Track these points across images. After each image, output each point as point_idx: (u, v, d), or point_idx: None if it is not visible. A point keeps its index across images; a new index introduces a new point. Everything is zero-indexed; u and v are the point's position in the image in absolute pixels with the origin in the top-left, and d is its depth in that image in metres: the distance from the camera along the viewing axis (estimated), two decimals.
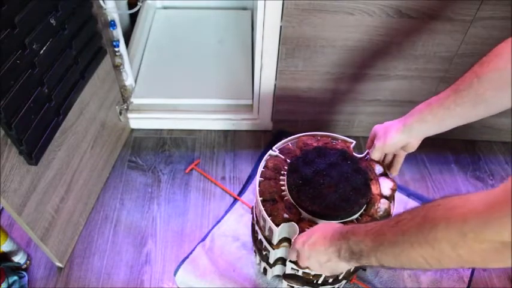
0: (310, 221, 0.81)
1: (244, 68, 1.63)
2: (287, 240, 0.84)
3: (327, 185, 0.83)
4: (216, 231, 1.16)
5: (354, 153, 0.93)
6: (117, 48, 1.32)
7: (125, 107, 1.43)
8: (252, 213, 1.01)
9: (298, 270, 0.86)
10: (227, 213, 1.22)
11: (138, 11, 1.49)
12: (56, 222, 1.07)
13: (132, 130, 1.50)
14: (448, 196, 0.49)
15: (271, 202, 0.84)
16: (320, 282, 0.89)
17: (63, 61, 1.00)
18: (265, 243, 0.89)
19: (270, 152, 0.94)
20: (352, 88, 1.34)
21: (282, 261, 0.92)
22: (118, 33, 1.30)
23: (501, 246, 0.41)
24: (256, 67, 1.30)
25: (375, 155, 0.87)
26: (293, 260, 0.79)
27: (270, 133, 1.51)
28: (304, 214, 0.82)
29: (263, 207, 0.83)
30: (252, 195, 1.28)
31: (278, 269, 0.97)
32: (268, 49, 1.23)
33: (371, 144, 0.89)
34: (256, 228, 0.92)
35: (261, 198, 0.84)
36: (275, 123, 1.49)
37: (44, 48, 0.91)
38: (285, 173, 0.88)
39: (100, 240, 1.20)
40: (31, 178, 0.95)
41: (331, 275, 0.86)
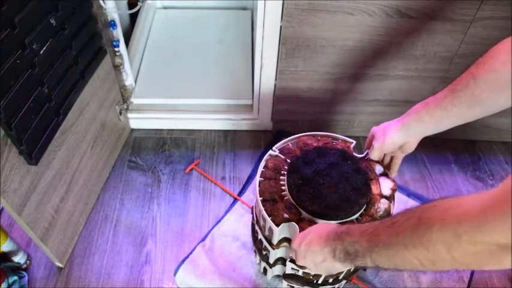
0: (310, 221, 0.81)
1: (244, 68, 1.63)
2: (287, 240, 0.84)
3: (327, 185, 0.83)
4: (216, 231, 1.16)
5: (354, 153, 0.93)
6: (117, 48, 1.32)
7: (125, 107, 1.43)
8: (252, 213, 1.01)
9: (298, 270, 0.86)
10: (227, 213, 1.22)
11: (138, 11, 1.49)
12: (56, 222, 1.07)
13: (132, 130, 1.50)
14: (443, 198, 0.49)
15: (271, 202, 0.84)
16: (320, 282, 0.89)
17: (63, 61, 1.00)
18: (265, 243, 0.89)
19: (270, 152, 0.94)
20: (352, 88, 1.34)
21: (282, 261, 0.92)
22: (118, 33, 1.30)
23: (495, 248, 0.41)
24: (256, 67, 1.30)
25: (374, 155, 0.87)
26: (292, 258, 0.79)
27: (270, 133, 1.51)
28: (304, 214, 0.82)
29: (263, 207, 0.83)
30: (252, 195, 1.28)
31: (278, 269, 0.97)
32: (268, 49, 1.23)
33: (369, 146, 0.89)
34: (256, 228, 0.92)
35: (261, 198, 0.84)
36: (275, 123, 1.48)
37: (44, 48, 0.91)
38: (285, 173, 0.88)
39: (100, 240, 1.20)
40: (31, 178, 0.95)
41: (327, 275, 0.86)
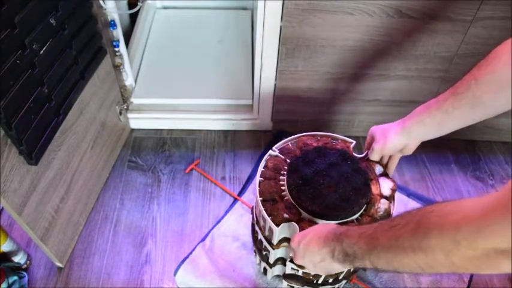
0: (310, 221, 0.81)
1: (244, 68, 1.63)
2: (287, 240, 0.84)
3: (326, 185, 0.83)
4: (216, 231, 1.16)
5: (354, 153, 0.93)
6: (117, 48, 1.32)
7: (125, 107, 1.43)
8: (252, 213, 1.01)
9: (298, 270, 0.86)
10: (227, 213, 1.22)
11: (138, 11, 1.49)
12: (56, 222, 1.07)
13: (132, 130, 1.50)
14: (442, 202, 0.49)
15: (271, 202, 0.84)
16: (320, 282, 0.89)
17: (63, 61, 1.00)
18: (265, 243, 0.89)
19: (270, 152, 0.94)
20: (352, 88, 1.34)
21: (282, 261, 0.92)
22: (118, 33, 1.30)
23: (494, 253, 0.41)
24: (256, 67, 1.30)
25: (373, 157, 0.87)
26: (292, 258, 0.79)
27: (270, 133, 1.51)
28: (304, 214, 0.82)
29: (263, 207, 0.83)
30: (252, 195, 1.28)
31: (278, 269, 0.97)
32: (268, 49, 1.23)
33: (368, 147, 0.89)
34: (256, 228, 0.92)
35: (261, 198, 0.84)
36: (275, 123, 1.48)
37: (44, 48, 0.91)
38: (285, 173, 0.88)
39: (100, 240, 1.20)
40: (31, 178, 0.95)
41: (327, 275, 0.86)
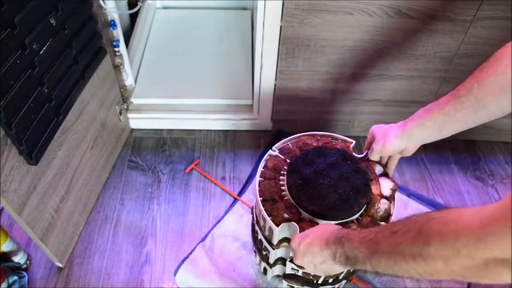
0: (310, 221, 0.81)
1: (244, 68, 1.63)
2: (287, 240, 0.84)
3: (326, 185, 0.83)
4: (216, 231, 1.16)
5: (354, 153, 0.93)
6: (117, 48, 1.32)
7: (125, 107, 1.43)
8: (252, 213, 1.01)
9: (298, 270, 0.86)
10: (227, 213, 1.22)
11: (138, 11, 1.49)
12: (56, 222, 1.07)
13: (132, 130, 1.50)
14: (443, 209, 0.49)
15: (271, 202, 0.84)
16: (320, 282, 0.89)
17: (63, 61, 1.00)
18: (265, 243, 0.89)
19: (269, 152, 0.94)
20: (352, 88, 1.34)
21: (282, 261, 0.92)
22: (118, 33, 1.30)
23: (493, 263, 0.41)
24: (256, 67, 1.30)
25: (373, 157, 0.88)
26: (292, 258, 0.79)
27: (269, 133, 1.51)
28: (304, 214, 0.82)
29: (263, 207, 0.83)
30: (252, 195, 1.28)
31: (278, 269, 0.97)
32: (268, 49, 1.23)
33: (369, 146, 0.89)
34: (256, 228, 0.92)
35: (261, 198, 0.84)
36: (275, 123, 1.48)
37: (44, 48, 0.91)
38: (285, 173, 0.88)
39: (100, 240, 1.20)
40: (31, 178, 0.95)
41: (326, 275, 0.86)
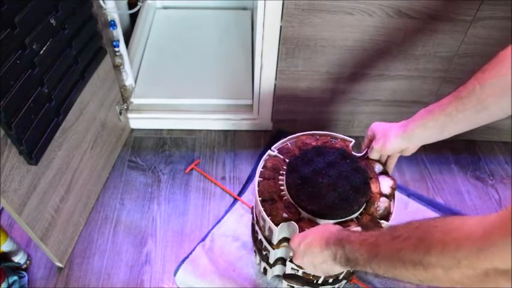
0: (309, 220, 0.81)
1: (244, 68, 1.63)
2: (287, 240, 0.84)
3: (326, 184, 0.82)
4: (216, 231, 1.16)
5: (353, 152, 0.92)
6: (117, 48, 1.32)
7: (125, 107, 1.43)
8: (252, 213, 1.01)
9: (298, 270, 0.86)
10: (227, 213, 1.22)
11: (138, 11, 1.49)
12: (56, 222, 1.07)
13: (132, 130, 1.50)
14: (445, 217, 0.49)
15: (271, 202, 0.84)
16: (320, 282, 0.89)
17: (63, 61, 1.00)
18: (265, 243, 0.89)
19: (268, 152, 0.94)
20: (352, 88, 1.34)
21: (282, 261, 0.92)
22: (118, 33, 1.30)
23: (494, 273, 0.41)
24: (256, 67, 1.30)
25: (373, 156, 0.87)
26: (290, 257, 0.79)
27: (269, 133, 1.51)
28: (303, 213, 0.82)
29: (262, 207, 0.83)
30: (252, 195, 1.28)
31: (278, 269, 0.97)
32: (268, 49, 1.23)
33: (368, 144, 0.89)
34: (256, 228, 0.92)
35: (260, 198, 0.84)
36: (275, 123, 1.48)
37: (44, 48, 0.91)
38: (284, 172, 0.88)
39: (100, 240, 1.20)
40: (31, 178, 0.95)
41: (325, 275, 0.86)
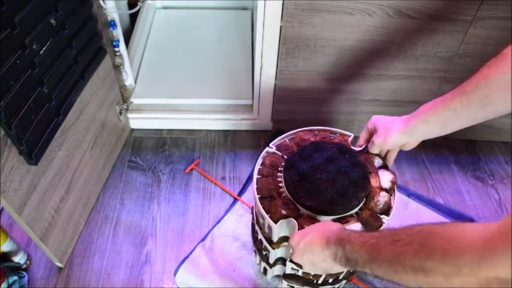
0: (308, 216, 0.80)
1: (244, 68, 1.63)
2: (287, 239, 0.84)
3: (324, 180, 0.81)
4: (216, 231, 1.16)
5: (352, 147, 0.91)
6: (117, 48, 1.32)
7: (125, 107, 1.43)
8: (252, 213, 1.01)
9: (298, 270, 0.86)
10: (227, 213, 1.22)
11: (138, 11, 1.49)
12: (56, 222, 1.07)
13: (132, 130, 1.50)
14: (447, 223, 0.49)
15: (269, 199, 0.84)
16: (320, 282, 0.89)
17: (63, 61, 1.00)
18: (265, 243, 0.89)
19: (267, 148, 0.93)
20: (352, 88, 1.34)
21: (282, 261, 0.92)
22: (118, 33, 1.30)
23: (495, 281, 0.41)
24: (256, 67, 1.30)
25: (373, 150, 0.86)
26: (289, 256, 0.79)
27: (270, 133, 1.50)
28: (302, 210, 0.81)
29: (261, 204, 0.82)
30: (252, 195, 1.28)
31: (278, 269, 0.97)
32: (268, 49, 1.23)
33: (368, 137, 0.87)
34: (256, 228, 0.92)
35: (259, 195, 0.84)
36: (275, 123, 1.48)
37: (44, 48, 0.91)
38: (282, 169, 0.88)
39: (100, 240, 1.20)
40: (31, 178, 0.95)
41: (326, 275, 0.86)
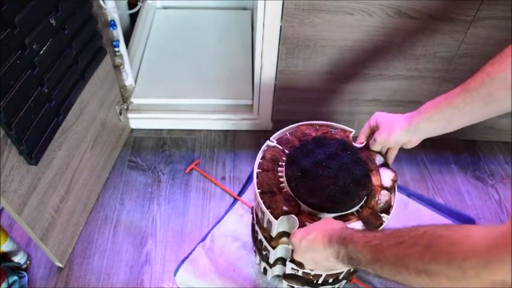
0: (309, 213, 0.80)
1: (244, 68, 1.63)
2: (286, 234, 0.84)
3: (326, 177, 0.81)
4: (216, 231, 1.16)
5: (354, 143, 0.91)
6: (117, 48, 1.32)
7: (125, 107, 1.43)
8: (252, 213, 1.01)
9: (298, 270, 0.86)
10: (227, 213, 1.21)
11: (138, 11, 1.49)
12: (56, 222, 1.07)
13: (132, 130, 1.50)
14: (452, 226, 0.49)
15: (270, 194, 0.83)
16: (320, 282, 0.89)
17: (63, 61, 1.00)
18: (265, 243, 0.89)
19: (267, 142, 0.93)
20: (353, 88, 1.34)
21: (282, 261, 0.92)
22: (118, 33, 1.30)
23: (500, 284, 0.41)
24: (256, 67, 1.30)
25: (375, 148, 0.86)
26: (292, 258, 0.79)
27: (270, 133, 1.49)
28: (303, 207, 0.81)
29: (261, 199, 0.82)
30: (252, 195, 1.28)
31: (278, 269, 0.97)
32: (268, 49, 1.23)
33: (369, 132, 0.87)
34: (256, 228, 0.92)
35: (259, 190, 0.83)
36: (275, 123, 1.48)
37: (44, 48, 0.91)
38: (283, 164, 0.87)
39: (100, 240, 1.20)
40: (31, 178, 0.95)
41: (326, 274, 0.86)
